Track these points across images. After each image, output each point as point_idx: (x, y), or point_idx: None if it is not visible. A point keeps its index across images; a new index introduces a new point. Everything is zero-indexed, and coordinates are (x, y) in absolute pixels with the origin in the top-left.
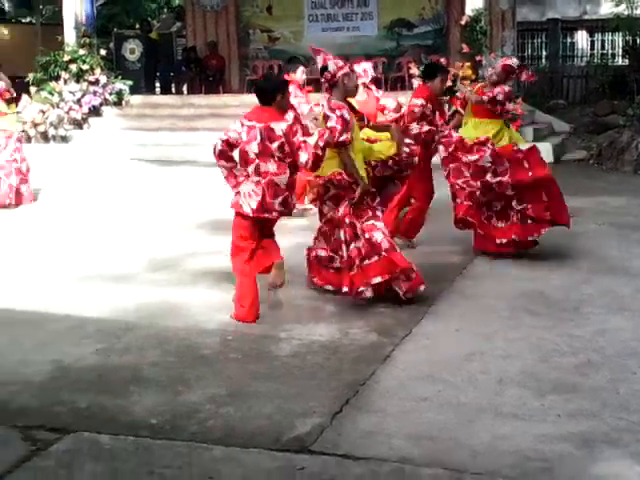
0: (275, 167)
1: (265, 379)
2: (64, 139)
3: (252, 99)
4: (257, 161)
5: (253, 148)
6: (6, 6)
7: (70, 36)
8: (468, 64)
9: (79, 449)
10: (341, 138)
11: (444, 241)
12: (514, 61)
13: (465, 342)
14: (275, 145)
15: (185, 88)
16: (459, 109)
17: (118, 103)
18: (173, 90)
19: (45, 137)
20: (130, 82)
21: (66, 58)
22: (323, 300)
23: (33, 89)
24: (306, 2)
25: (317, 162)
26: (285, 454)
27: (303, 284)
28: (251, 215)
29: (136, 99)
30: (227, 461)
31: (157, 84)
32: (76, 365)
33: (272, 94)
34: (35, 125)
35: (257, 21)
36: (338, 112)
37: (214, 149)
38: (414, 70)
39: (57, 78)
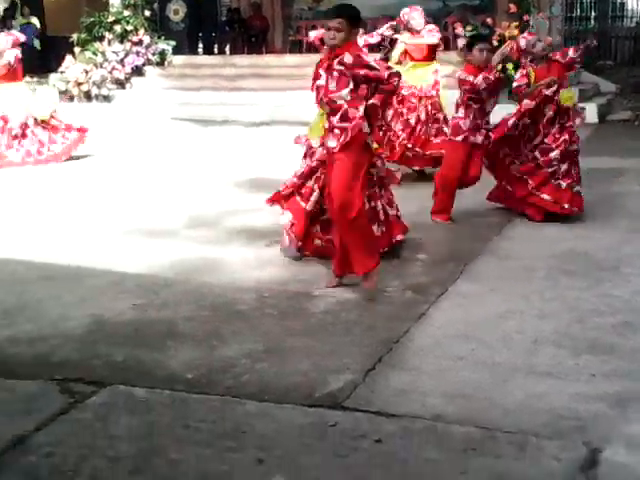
0: None
1: (300, 335)
2: (106, 98)
3: (294, 59)
4: None
5: None
6: None
7: None
8: (515, 24)
9: (115, 402)
10: None
11: (483, 201)
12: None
13: (501, 301)
14: None
15: (228, 49)
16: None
17: (160, 63)
18: (216, 50)
19: (88, 96)
20: (173, 42)
21: (110, 19)
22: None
23: (77, 49)
24: None
25: None
26: (317, 410)
27: None
28: None
29: (178, 59)
30: (260, 416)
31: (200, 45)
32: (114, 320)
33: None
34: (78, 84)
35: None
36: None
37: None
38: (460, 30)
39: (101, 39)
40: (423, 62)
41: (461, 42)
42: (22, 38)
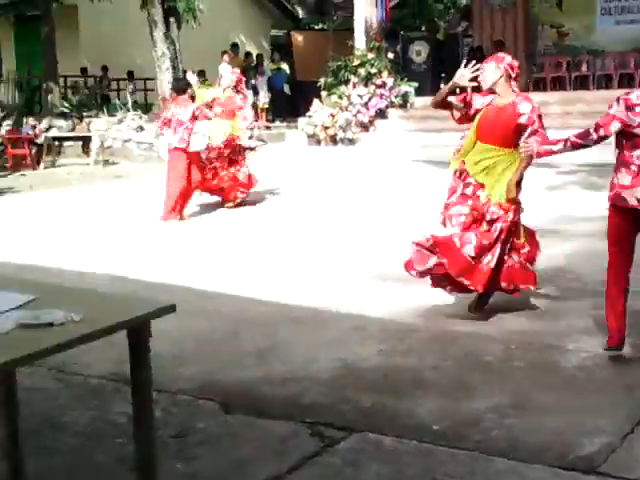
0: None
1: (551, 391)
2: (351, 141)
3: (537, 97)
4: None
5: None
6: (300, 14)
7: (360, 41)
8: None
9: (364, 449)
10: None
11: None
12: None
13: None
14: None
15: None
16: None
17: (403, 105)
18: (457, 91)
19: (334, 140)
20: (415, 84)
21: (355, 62)
22: None
23: (324, 93)
24: None
25: None
26: (571, 473)
27: (591, 292)
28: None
29: (420, 101)
30: (509, 474)
31: (442, 85)
32: (360, 364)
33: None
34: (325, 128)
35: (546, 17)
36: None
37: None
38: None
39: (346, 82)
40: None
41: None
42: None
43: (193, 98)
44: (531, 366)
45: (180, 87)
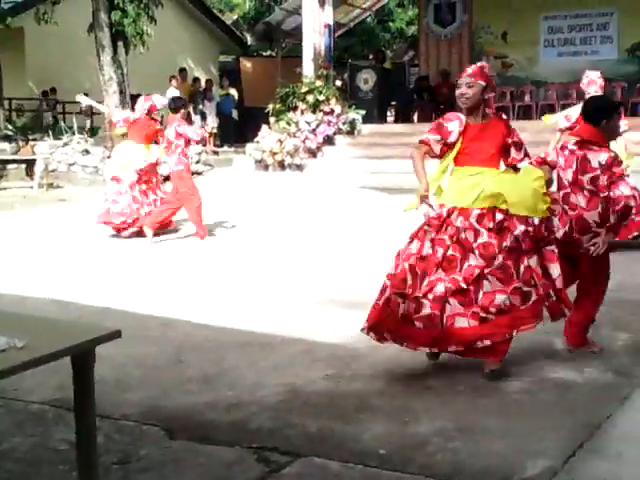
0: (585, 202)
1: (494, 415)
2: (299, 167)
3: None
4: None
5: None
6: (249, 40)
7: (308, 68)
8: None
9: (310, 473)
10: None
11: None
12: None
13: None
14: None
15: (416, 117)
16: None
17: (350, 132)
18: (404, 119)
19: (282, 165)
20: (363, 111)
21: (304, 89)
22: (555, 335)
23: (272, 119)
24: (542, 27)
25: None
26: None
27: None
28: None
29: (368, 128)
30: None
31: (388, 113)
32: (307, 389)
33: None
34: (273, 154)
35: (491, 48)
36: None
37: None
38: None
39: (294, 108)
40: None
41: None
42: (160, 104)
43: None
44: (475, 390)
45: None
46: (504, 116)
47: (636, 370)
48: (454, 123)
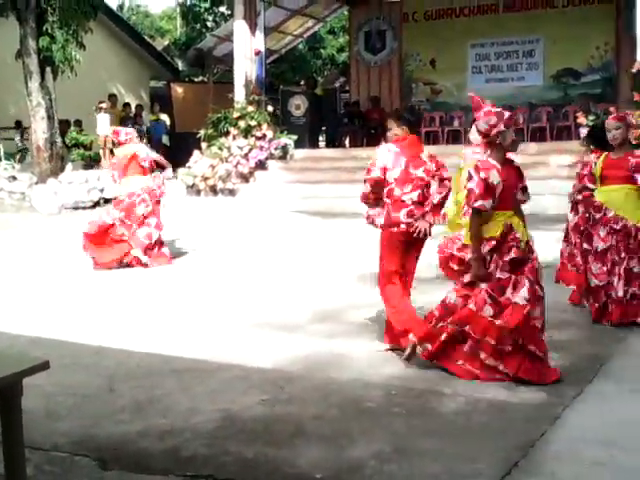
0: None
1: (430, 436)
2: (231, 192)
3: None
4: None
5: None
6: (180, 66)
7: (240, 94)
8: (638, 113)
9: None
10: (476, 204)
11: None
12: None
13: None
14: None
15: (347, 142)
16: None
17: (283, 157)
18: (336, 144)
19: (214, 190)
20: (295, 137)
21: (235, 115)
22: None
23: (204, 145)
24: (470, 54)
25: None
26: None
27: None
28: None
29: (300, 153)
30: None
31: (320, 138)
32: (243, 415)
33: None
34: (205, 179)
35: (420, 75)
36: (482, 174)
37: None
38: (582, 119)
39: (226, 134)
40: None
41: (583, 131)
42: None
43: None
44: (411, 412)
45: None
46: None
47: (568, 389)
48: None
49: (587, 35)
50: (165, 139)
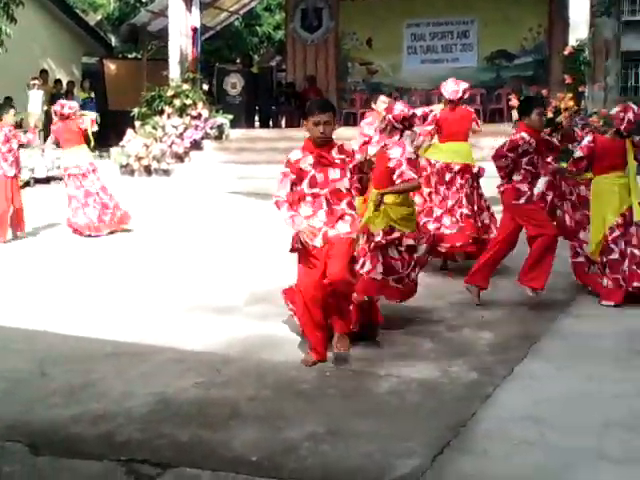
0: None
1: (364, 417)
2: (166, 172)
3: (348, 132)
4: None
5: None
6: (113, 42)
7: (175, 71)
8: (570, 95)
9: None
10: None
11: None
12: None
13: (569, 382)
14: None
15: (283, 122)
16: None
17: (218, 137)
18: (271, 124)
19: (148, 170)
20: (230, 116)
21: (170, 93)
22: (421, 336)
23: (138, 123)
24: (406, 35)
25: None
26: None
27: (401, 320)
28: None
29: (235, 133)
30: None
31: (256, 118)
32: (177, 398)
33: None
34: (139, 159)
35: (356, 54)
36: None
37: None
38: (514, 101)
39: (161, 112)
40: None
41: (515, 114)
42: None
43: None
44: (345, 393)
45: None
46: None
47: (498, 368)
48: None
49: (520, 17)
50: (97, 117)
